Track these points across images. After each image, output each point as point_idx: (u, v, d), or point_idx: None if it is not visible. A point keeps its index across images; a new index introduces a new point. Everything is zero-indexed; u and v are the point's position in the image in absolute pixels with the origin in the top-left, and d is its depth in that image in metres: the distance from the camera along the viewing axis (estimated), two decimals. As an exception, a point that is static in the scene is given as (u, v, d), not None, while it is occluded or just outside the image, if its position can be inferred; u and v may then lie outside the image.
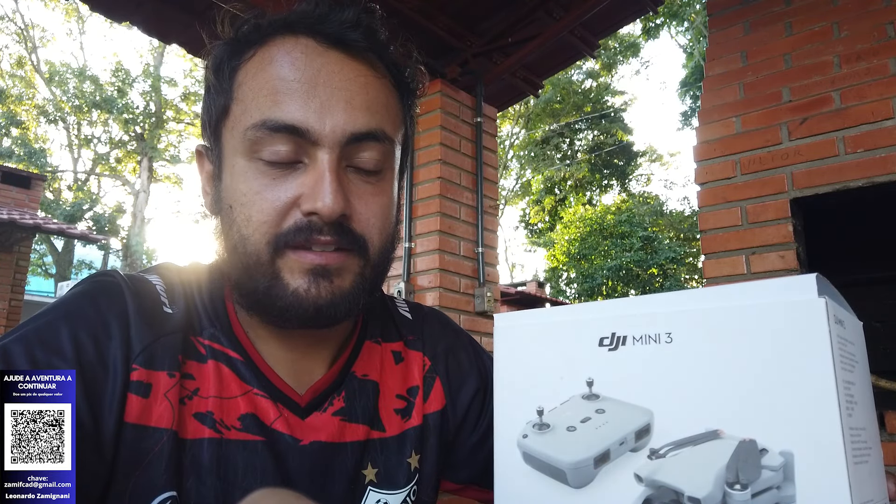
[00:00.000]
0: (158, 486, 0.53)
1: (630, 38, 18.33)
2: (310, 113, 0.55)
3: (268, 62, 0.58)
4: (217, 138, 0.61)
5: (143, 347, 0.56)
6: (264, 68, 0.58)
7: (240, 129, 0.58)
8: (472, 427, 0.73)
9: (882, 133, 2.14)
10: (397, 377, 0.70)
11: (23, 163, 17.37)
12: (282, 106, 0.56)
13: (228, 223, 0.59)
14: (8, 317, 7.38)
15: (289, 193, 0.56)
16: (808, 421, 0.39)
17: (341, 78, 0.57)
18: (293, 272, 0.57)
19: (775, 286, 0.43)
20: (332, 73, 0.57)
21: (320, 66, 0.57)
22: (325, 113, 0.56)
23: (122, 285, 0.59)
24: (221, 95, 0.60)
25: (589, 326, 0.50)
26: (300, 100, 0.56)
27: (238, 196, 0.58)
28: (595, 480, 0.47)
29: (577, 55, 3.54)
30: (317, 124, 0.56)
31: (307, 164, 0.57)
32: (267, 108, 0.56)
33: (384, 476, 0.65)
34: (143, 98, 19.59)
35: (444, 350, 0.76)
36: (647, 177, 20.39)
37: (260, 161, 0.57)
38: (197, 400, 0.58)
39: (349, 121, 0.57)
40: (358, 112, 0.57)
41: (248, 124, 0.57)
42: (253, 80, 0.58)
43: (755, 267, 2.30)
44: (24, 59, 18.45)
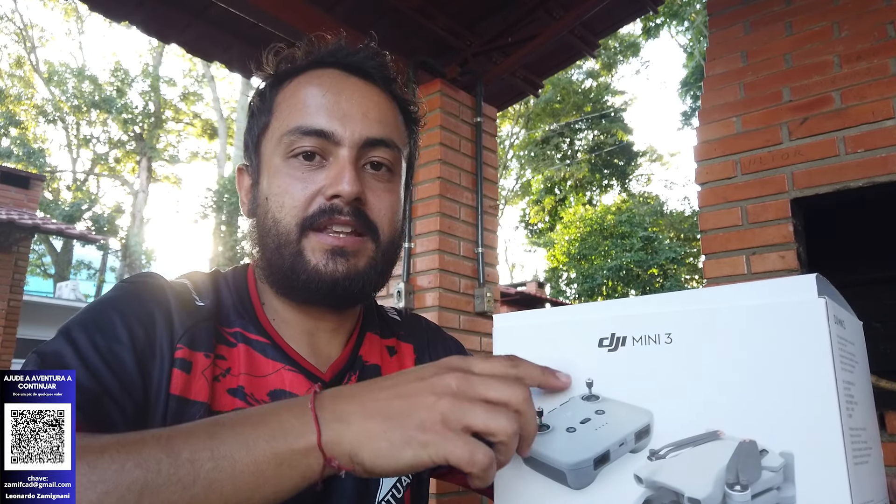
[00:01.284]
0: None
1: (630, 37, 18.32)
2: (334, 120, 0.69)
3: (302, 85, 0.73)
4: (257, 150, 0.75)
5: (185, 330, 0.66)
6: (299, 90, 0.72)
7: (277, 135, 0.71)
8: None
9: (882, 133, 2.14)
10: (394, 366, 0.81)
11: (21, 163, 17.37)
12: (312, 115, 0.70)
13: (264, 213, 0.71)
14: (7, 317, 7.38)
15: (315, 186, 0.69)
16: (808, 421, 0.39)
17: (360, 97, 0.72)
18: (314, 251, 0.69)
19: (775, 286, 0.43)
20: (352, 92, 0.72)
21: (343, 87, 0.72)
22: (347, 121, 0.70)
23: (162, 282, 0.70)
24: (263, 115, 0.74)
25: (588, 327, 0.50)
26: (327, 111, 0.70)
27: (274, 189, 0.71)
28: (595, 481, 0.47)
29: (577, 55, 3.54)
30: (339, 129, 0.69)
31: (331, 163, 0.70)
32: (300, 118, 0.70)
33: None
34: (142, 98, 19.60)
35: (426, 343, 0.87)
36: (648, 177, 20.40)
37: (293, 160, 0.70)
38: (229, 378, 0.67)
39: (365, 128, 0.70)
40: (372, 122, 0.71)
41: (285, 130, 0.70)
42: (290, 100, 0.72)
43: (755, 267, 2.30)
44: (22, 59, 18.45)
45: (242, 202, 0.79)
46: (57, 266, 18.61)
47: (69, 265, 19.15)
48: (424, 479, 0.79)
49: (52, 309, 12.04)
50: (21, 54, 18.43)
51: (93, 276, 20.60)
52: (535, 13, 3.03)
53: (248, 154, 0.77)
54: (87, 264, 20.55)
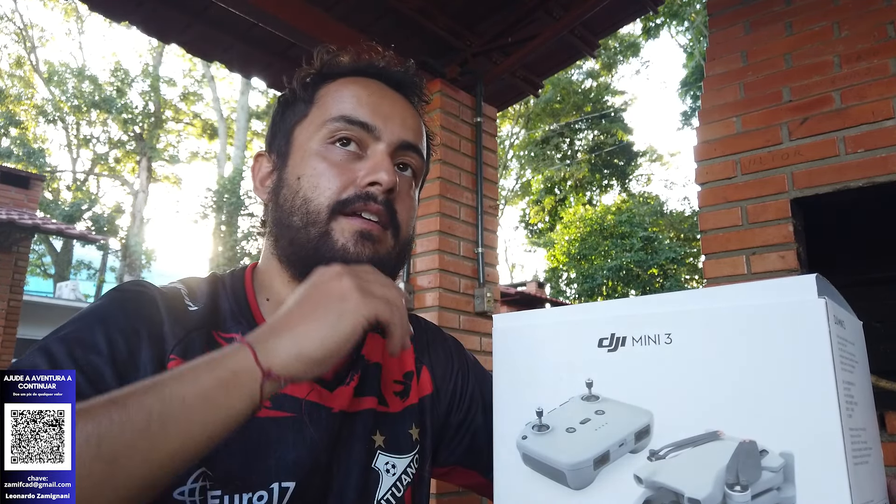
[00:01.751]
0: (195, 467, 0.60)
1: (630, 37, 18.32)
2: (377, 118, 0.73)
3: (349, 84, 0.76)
4: (289, 137, 0.76)
5: (178, 341, 0.66)
6: (346, 86, 0.76)
7: (319, 122, 0.74)
8: (455, 409, 0.84)
9: (882, 133, 2.14)
10: (394, 364, 0.81)
11: (21, 163, 17.37)
12: (357, 110, 0.73)
13: (293, 192, 0.72)
14: (7, 317, 7.37)
15: (350, 174, 0.71)
16: (808, 422, 0.39)
17: (398, 106, 0.77)
18: (343, 232, 0.70)
19: (775, 287, 0.43)
20: (393, 101, 0.77)
21: (385, 94, 0.77)
22: (388, 121, 0.74)
23: (153, 292, 0.70)
24: (302, 104, 0.77)
25: (588, 327, 0.50)
26: (371, 108, 0.74)
27: (308, 170, 0.72)
28: (595, 482, 0.47)
29: (577, 55, 3.54)
30: (381, 125, 0.73)
31: (368, 155, 0.73)
32: (346, 109, 0.73)
33: (390, 442, 0.75)
34: (142, 98, 19.59)
35: (425, 343, 0.87)
36: (648, 177, 20.39)
37: (332, 146, 0.72)
38: None
39: (403, 131, 0.75)
40: (408, 129, 0.76)
41: (330, 117, 0.73)
42: (335, 93, 0.75)
43: (755, 267, 2.30)
44: (22, 59, 18.45)
45: (257, 187, 0.79)
46: (57, 266, 18.61)
47: (69, 265, 19.15)
48: (426, 478, 0.79)
49: (52, 309, 12.04)
50: (21, 54, 18.43)
51: (93, 276, 20.60)
52: (535, 13, 3.03)
53: (276, 141, 0.78)
54: (87, 264, 20.54)
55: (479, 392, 0.85)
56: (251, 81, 11.86)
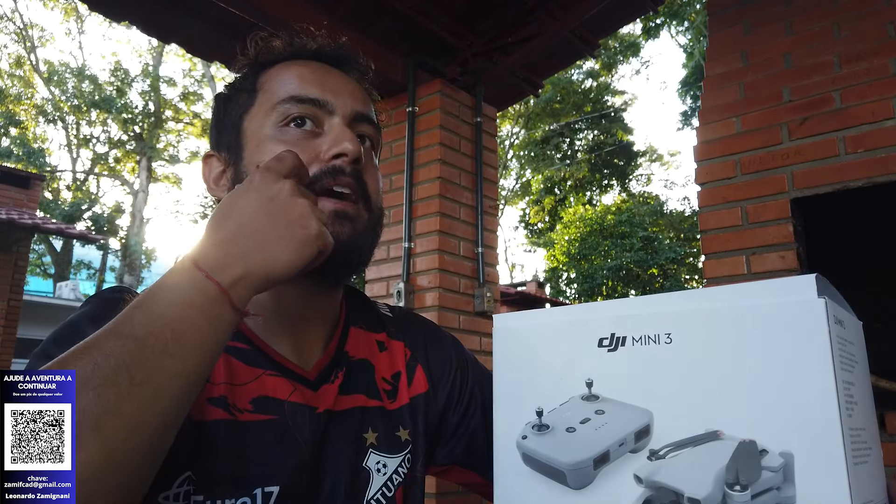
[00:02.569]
0: (179, 467, 0.59)
1: (630, 37, 18.31)
2: (327, 93, 0.71)
3: (289, 66, 0.74)
4: (238, 130, 0.74)
5: None
6: (286, 69, 0.74)
7: (267, 107, 0.71)
8: (453, 408, 0.82)
9: (882, 133, 2.14)
10: (384, 362, 0.79)
11: (21, 162, 17.37)
12: (305, 87, 0.71)
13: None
14: (7, 317, 7.37)
15: (311, 152, 0.69)
16: (807, 422, 0.39)
17: (343, 82, 0.75)
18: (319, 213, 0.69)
19: (775, 287, 0.43)
20: (335, 78, 0.75)
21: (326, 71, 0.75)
22: (337, 95, 0.72)
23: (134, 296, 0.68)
24: (245, 93, 0.74)
25: (588, 327, 0.50)
26: (319, 85, 0.72)
27: (267, 155, 0.68)
28: (595, 481, 0.47)
29: (577, 55, 3.54)
30: (332, 99, 0.71)
31: (326, 131, 0.71)
32: (294, 89, 0.71)
33: (382, 440, 0.73)
34: (142, 98, 19.58)
35: (421, 341, 0.85)
36: (648, 177, 20.39)
37: (286, 128, 0.70)
38: (209, 387, 0.64)
39: (355, 103, 0.73)
40: (359, 101, 0.74)
41: (278, 100, 0.71)
42: (277, 77, 0.73)
43: (755, 267, 2.30)
44: (22, 59, 18.44)
45: (212, 188, 0.76)
46: (57, 266, 18.61)
47: (69, 265, 19.15)
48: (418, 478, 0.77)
49: (52, 309, 12.04)
50: (21, 54, 18.43)
51: (93, 275, 20.60)
52: (535, 13, 3.03)
53: (224, 137, 0.75)
54: (86, 264, 20.55)
55: (478, 391, 0.83)
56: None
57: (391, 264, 3.07)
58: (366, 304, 0.86)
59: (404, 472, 0.74)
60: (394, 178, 3.15)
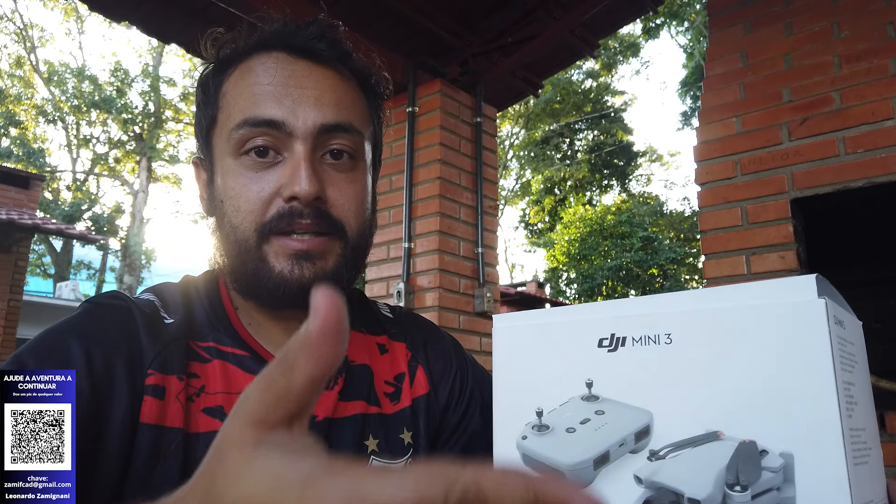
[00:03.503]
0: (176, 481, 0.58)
1: (630, 37, 18.31)
2: (284, 109, 0.64)
3: (246, 72, 0.67)
4: (208, 147, 0.70)
5: (156, 354, 0.62)
6: (243, 78, 0.67)
7: (226, 131, 0.66)
8: (452, 409, 0.81)
9: (882, 133, 2.14)
10: (385, 365, 0.77)
11: (21, 163, 17.36)
12: (260, 106, 0.64)
13: (221, 217, 0.67)
14: (6, 317, 7.37)
15: (271, 185, 0.64)
16: (808, 422, 0.39)
17: (310, 81, 0.66)
18: (278, 256, 0.64)
19: (775, 287, 0.43)
20: (301, 77, 0.66)
21: (291, 72, 0.66)
22: (298, 109, 0.64)
23: (129, 305, 0.65)
24: (209, 107, 0.69)
25: (588, 327, 0.50)
26: (275, 99, 0.64)
27: (228, 191, 0.65)
28: (594, 482, 0.47)
29: (577, 55, 3.54)
30: (291, 118, 0.63)
31: (286, 158, 0.64)
32: (247, 109, 0.64)
33: (384, 446, 0.71)
34: (142, 98, 19.58)
35: (422, 341, 0.83)
36: (648, 177, 20.39)
37: (245, 157, 0.65)
38: (204, 397, 0.63)
39: (319, 115, 0.65)
40: (327, 107, 0.65)
41: (233, 125, 0.65)
42: (234, 89, 0.67)
43: (755, 267, 2.30)
44: (22, 59, 18.44)
45: (202, 197, 0.73)
46: (57, 266, 18.61)
47: (69, 265, 19.15)
48: None
49: (51, 309, 12.03)
50: (21, 54, 18.43)
51: (93, 276, 20.61)
52: (535, 13, 3.03)
53: (200, 147, 0.71)
54: (86, 264, 20.55)
55: (477, 392, 0.82)
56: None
57: (391, 264, 3.07)
58: (366, 305, 0.84)
59: None
60: (394, 179, 3.15)
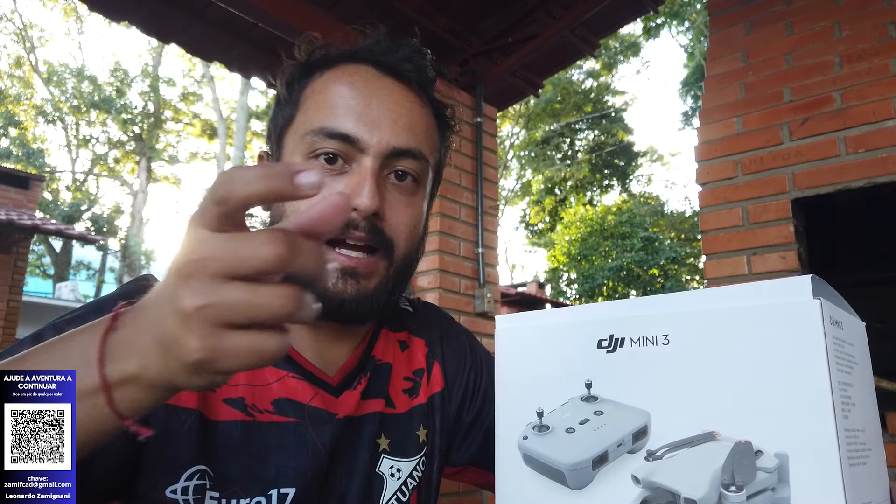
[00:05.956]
0: (188, 460, 0.60)
1: (630, 37, 18.31)
2: (361, 125, 0.65)
3: (332, 81, 0.69)
4: (280, 144, 0.71)
5: None
6: (328, 86, 0.68)
7: (301, 133, 0.67)
8: (467, 407, 0.81)
9: (883, 133, 2.14)
10: (404, 361, 0.78)
11: (21, 163, 17.37)
12: (339, 117, 0.66)
13: (279, 214, 0.68)
14: (6, 318, 7.37)
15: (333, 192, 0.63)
16: (802, 423, 0.40)
17: (391, 101, 0.68)
18: None
19: (771, 288, 0.43)
20: (384, 95, 0.68)
21: (375, 88, 0.68)
22: (374, 127, 0.66)
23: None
24: (289, 107, 0.70)
25: (587, 328, 0.50)
26: (354, 114, 0.66)
27: None
28: (593, 482, 0.48)
29: (578, 55, 3.54)
30: (366, 135, 0.65)
31: (353, 170, 0.66)
32: (325, 118, 0.66)
33: (396, 445, 0.73)
34: (142, 98, 19.59)
35: (438, 337, 0.83)
36: (648, 177, 20.39)
37: (314, 161, 0.66)
38: (226, 388, 0.64)
39: (393, 136, 0.66)
40: (402, 130, 0.67)
41: (309, 129, 0.66)
42: (317, 95, 0.68)
43: (756, 268, 2.30)
44: (22, 59, 18.44)
45: None
46: (56, 267, 18.61)
47: (68, 266, 19.15)
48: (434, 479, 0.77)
49: (51, 309, 12.03)
50: (20, 54, 18.43)
51: (92, 276, 20.60)
52: (535, 13, 3.03)
53: (271, 142, 0.73)
54: (86, 265, 20.54)
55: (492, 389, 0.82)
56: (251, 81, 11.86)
57: (391, 264, 3.07)
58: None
59: (419, 476, 0.74)
60: (394, 179, 3.15)
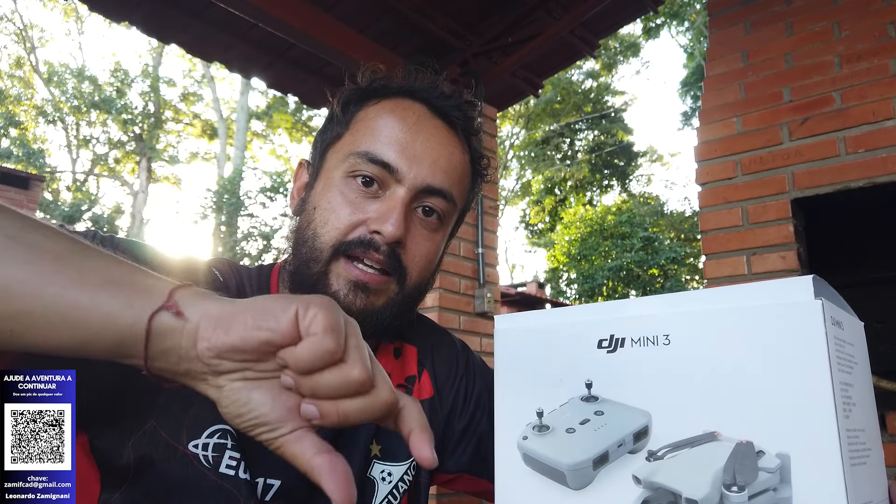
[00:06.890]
0: (209, 420, 0.62)
1: (630, 37, 18.31)
2: (403, 157, 0.70)
3: (385, 111, 0.73)
4: (322, 156, 0.76)
5: None
6: (381, 115, 0.73)
7: (345, 152, 0.72)
8: (458, 415, 0.82)
9: (883, 133, 2.14)
10: (398, 369, 0.80)
11: (21, 163, 17.36)
12: (384, 145, 0.70)
13: (308, 221, 0.72)
14: (8, 317, 7.38)
15: (363, 215, 0.69)
16: (804, 423, 0.40)
17: (435, 141, 0.73)
18: (339, 278, 0.69)
19: (772, 288, 0.43)
20: (430, 134, 0.72)
21: (423, 126, 0.72)
22: (414, 162, 0.70)
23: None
24: (340, 125, 0.75)
25: (587, 328, 0.50)
26: (399, 145, 0.70)
27: (324, 202, 0.71)
28: (594, 482, 0.48)
29: (578, 55, 3.54)
30: (405, 167, 0.70)
31: (386, 196, 0.70)
32: (372, 144, 0.70)
33: (386, 450, 0.74)
34: (142, 98, 19.59)
35: (429, 346, 0.85)
36: (648, 177, 20.38)
37: (351, 180, 0.70)
38: None
39: (430, 175, 0.71)
40: (439, 171, 0.72)
41: (353, 151, 0.71)
42: (369, 121, 0.73)
43: (756, 268, 2.30)
44: (22, 60, 18.44)
45: (293, 196, 0.79)
46: (57, 266, 18.56)
47: (69, 265, 19.10)
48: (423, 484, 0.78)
49: (52, 309, 12.01)
50: (21, 55, 18.43)
51: (93, 276, 20.54)
52: (535, 13, 3.03)
53: (315, 155, 0.78)
54: (87, 264, 20.50)
55: (486, 396, 0.83)
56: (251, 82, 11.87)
57: (391, 264, 3.08)
58: None
59: (409, 480, 0.75)
60: (394, 179, 3.15)
